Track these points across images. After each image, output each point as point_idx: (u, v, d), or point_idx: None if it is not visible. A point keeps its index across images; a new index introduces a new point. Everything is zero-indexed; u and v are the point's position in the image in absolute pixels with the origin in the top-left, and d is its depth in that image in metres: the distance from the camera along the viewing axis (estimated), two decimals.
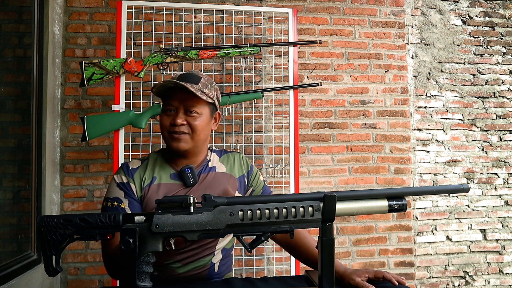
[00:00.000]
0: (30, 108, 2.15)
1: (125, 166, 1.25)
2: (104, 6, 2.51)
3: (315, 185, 2.64)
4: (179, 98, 1.18)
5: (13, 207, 2.06)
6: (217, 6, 2.41)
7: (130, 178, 1.22)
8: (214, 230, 0.90)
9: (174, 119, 1.18)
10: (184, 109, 1.19)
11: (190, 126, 1.19)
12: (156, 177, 1.23)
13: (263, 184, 1.35)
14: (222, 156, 1.33)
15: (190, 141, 1.20)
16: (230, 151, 1.38)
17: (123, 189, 1.20)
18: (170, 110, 1.20)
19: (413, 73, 2.82)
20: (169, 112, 1.20)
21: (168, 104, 1.20)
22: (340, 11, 2.73)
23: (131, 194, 1.20)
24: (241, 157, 1.35)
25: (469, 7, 2.91)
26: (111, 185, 1.23)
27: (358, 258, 2.64)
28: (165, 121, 1.20)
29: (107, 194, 1.22)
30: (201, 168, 1.27)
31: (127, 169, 1.24)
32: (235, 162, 1.33)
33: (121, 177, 1.22)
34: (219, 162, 1.31)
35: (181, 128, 1.18)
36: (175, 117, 1.18)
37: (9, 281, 1.78)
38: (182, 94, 1.18)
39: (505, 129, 2.90)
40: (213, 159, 1.31)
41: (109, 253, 1.14)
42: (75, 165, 2.42)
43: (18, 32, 2.17)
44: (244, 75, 2.55)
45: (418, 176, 2.78)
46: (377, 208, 0.98)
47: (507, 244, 2.84)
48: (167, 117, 1.20)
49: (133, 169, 1.24)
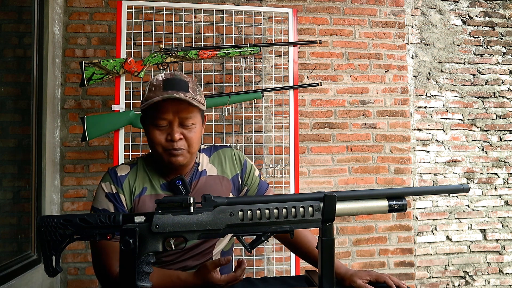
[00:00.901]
0: (30, 108, 2.15)
1: (113, 173, 1.16)
2: (104, 6, 2.51)
3: (315, 185, 2.64)
4: (172, 110, 1.08)
5: (13, 207, 2.06)
6: (217, 6, 2.41)
7: (119, 188, 1.14)
8: (214, 230, 0.90)
9: (171, 135, 1.09)
10: (179, 121, 1.10)
11: (187, 139, 1.12)
12: (146, 188, 1.16)
13: (258, 180, 1.28)
14: (212, 155, 1.26)
15: (188, 155, 1.14)
16: (220, 146, 1.30)
17: (112, 201, 1.13)
18: (162, 124, 1.10)
19: (413, 73, 2.82)
20: (162, 127, 1.10)
21: (159, 118, 1.09)
22: (340, 11, 2.73)
23: (121, 207, 1.13)
24: (233, 153, 1.28)
25: (469, 7, 2.91)
26: (99, 193, 1.15)
27: (358, 258, 2.64)
28: (159, 137, 1.10)
29: (94, 202, 1.15)
30: (191, 175, 1.20)
31: (115, 176, 1.15)
32: (227, 160, 1.26)
33: (110, 186, 1.14)
34: (210, 164, 1.24)
35: (179, 144, 1.10)
36: (171, 132, 1.09)
37: (9, 281, 1.78)
38: (175, 105, 1.08)
39: (505, 129, 2.90)
40: (202, 162, 1.23)
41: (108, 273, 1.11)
42: (75, 165, 2.42)
43: (18, 32, 2.17)
44: (244, 75, 2.55)
45: (418, 176, 2.78)
46: (377, 208, 0.98)
47: (507, 244, 2.84)
48: (160, 132, 1.10)
49: (121, 176, 1.16)
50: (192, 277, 1.07)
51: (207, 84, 2.50)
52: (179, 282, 1.08)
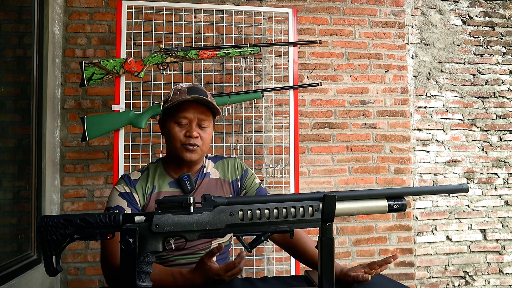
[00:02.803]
0: (30, 108, 2.15)
1: (126, 177, 1.29)
2: (104, 6, 2.51)
3: (315, 185, 2.64)
4: (194, 111, 1.24)
5: (13, 207, 2.06)
6: (217, 6, 2.41)
7: (133, 188, 1.25)
8: (214, 230, 0.91)
9: (189, 131, 1.23)
10: (197, 122, 1.25)
11: (202, 139, 1.26)
12: (156, 186, 1.28)
13: (258, 186, 1.36)
14: (217, 162, 1.39)
15: (200, 152, 1.27)
16: (226, 156, 1.43)
17: (125, 198, 1.23)
18: (183, 122, 1.25)
19: (413, 73, 2.82)
20: (182, 125, 1.25)
21: (181, 117, 1.24)
22: (340, 11, 2.73)
23: (134, 204, 1.23)
24: (236, 162, 1.39)
25: (469, 7, 2.91)
26: (113, 194, 1.25)
27: (358, 258, 2.65)
28: (179, 133, 1.24)
29: (108, 203, 1.24)
30: (197, 175, 1.32)
31: (129, 180, 1.28)
32: (229, 167, 1.38)
33: (123, 187, 1.25)
34: (214, 168, 1.36)
35: (196, 141, 1.24)
36: (190, 130, 1.24)
37: (9, 281, 1.78)
38: (197, 107, 1.24)
39: (505, 129, 2.90)
40: (208, 166, 1.36)
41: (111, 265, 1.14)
42: (75, 165, 2.42)
43: (18, 32, 2.17)
44: (244, 75, 2.55)
45: (418, 176, 2.78)
46: (376, 208, 0.98)
47: (507, 244, 2.84)
48: (180, 128, 1.25)
49: (134, 180, 1.28)
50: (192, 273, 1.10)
51: (207, 84, 2.50)
52: (180, 278, 1.10)
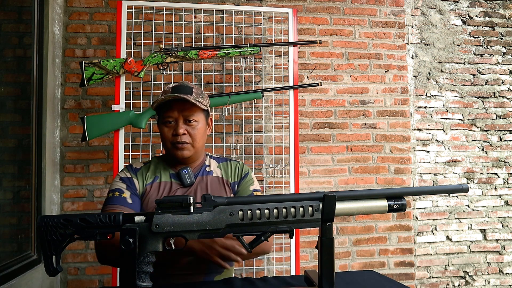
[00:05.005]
0: (30, 108, 2.15)
1: (129, 165, 1.37)
2: (104, 6, 2.51)
3: (315, 185, 2.64)
4: (177, 108, 1.27)
5: (13, 207, 2.06)
6: (217, 6, 2.41)
7: (134, 174, 1.32)
8: (214, 230, 0.91)
9: (175, 130, 1.27)
10: (184, 119, 1.28)
11: (190, 135, 1.29)
12: (157, 177, 1.33)
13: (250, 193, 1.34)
14: (221, 163, 1.42)
15: (192, 148, 1.30)
16: (231, 159, 1.45)
17: (126, 183, 1.30)
18: (170, 121, 1.29)
19: (413, 73, 2.82)
20: (169, 124, 1.29)
21: (167, 117, 1.29)
22: (340, 11, 2.73)
23: (133, 189, 1.29)
24: (239, 165, 1.42)
25: (469, 7, 2.91)
26: (115, 180, 1.32)
27: (358, 258, 2.65)
28: (167, 133, 1.29)
29: (110, 188, 1.30)
30: (198, 171, 1.36)
31: (131, 167, 1.35)
32: (232, 169, 1.40)
33: (125, 173, 1.33)
34: (217, 168, 1.40)
35: (183, 138, 1.27)
36: (176, 128, 1.27)
37: (9, 281, 1.78)
38: (180, 105, 1.27)
39: (505, 129, 2.90)
40: (211, 164, 1.40)
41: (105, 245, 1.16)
42: (75, 165, 2.42)
43: (18, 32, 2.17)
44: (244, 75, 2.55)
45: (418, 176, 2.78)
46: (376, 208, 0.98)
47: (507, 244, 2.84)
48: (168, 128, 1.29)
49: (136, 168, 1.35)
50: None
51: (207, 84, 2.50)
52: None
